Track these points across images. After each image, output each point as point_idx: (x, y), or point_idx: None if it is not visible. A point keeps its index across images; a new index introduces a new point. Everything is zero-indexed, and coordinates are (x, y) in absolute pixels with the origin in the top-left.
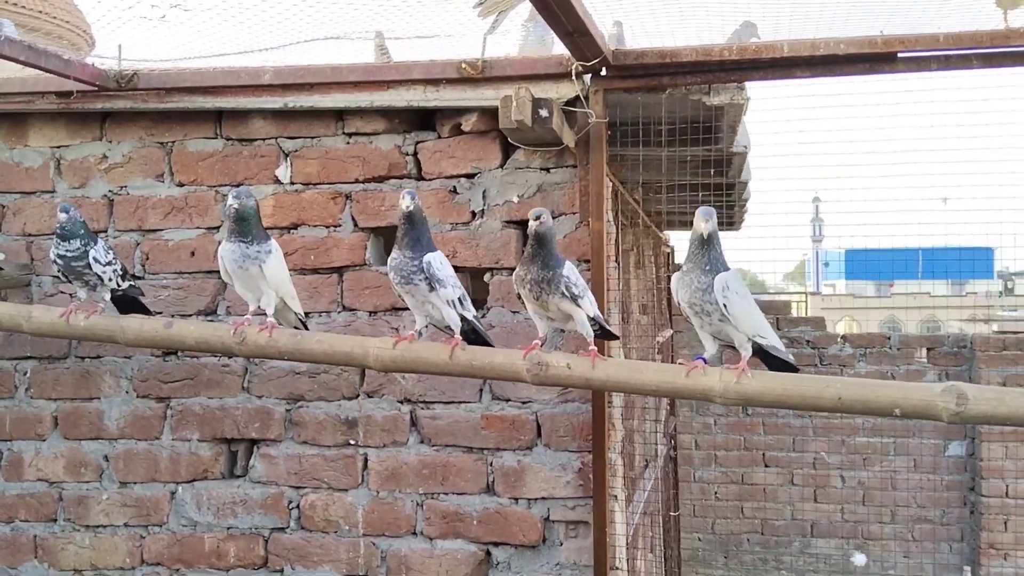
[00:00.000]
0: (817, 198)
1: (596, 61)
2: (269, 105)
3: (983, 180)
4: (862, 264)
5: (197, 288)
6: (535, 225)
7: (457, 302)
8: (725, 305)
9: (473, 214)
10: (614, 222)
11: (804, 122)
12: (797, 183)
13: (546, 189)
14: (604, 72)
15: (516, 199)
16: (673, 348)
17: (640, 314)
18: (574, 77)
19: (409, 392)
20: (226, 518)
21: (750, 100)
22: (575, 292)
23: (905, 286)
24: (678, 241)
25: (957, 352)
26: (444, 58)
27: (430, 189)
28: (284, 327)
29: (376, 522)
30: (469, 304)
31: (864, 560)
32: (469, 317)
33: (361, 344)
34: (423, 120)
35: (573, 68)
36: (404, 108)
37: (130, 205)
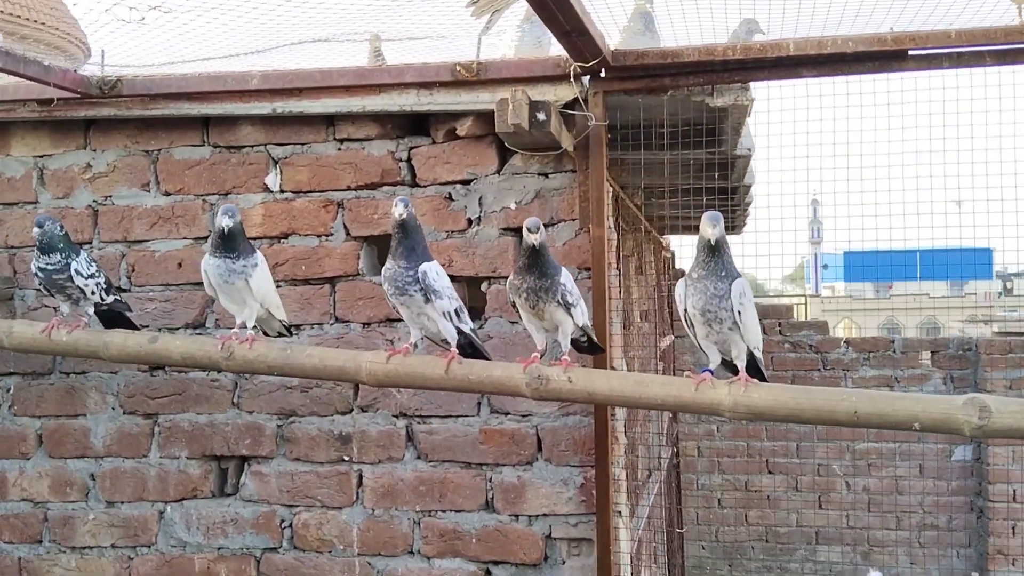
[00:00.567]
0: (815, 200)
1: (595, 62)
2: (257, 111)
3: (982, 181)
4: (860, 266)
5: (185, 301)
6: (535, 238)
7: (454, 314)
8: (740, 312)
9: (469, 221)
10: (615, 228)
11: (803, 123)
12: (796, 186)
13: (544, 195)
14: (603, 73)
15: (514, 206)
16: (675, 354)
17: (641, 320)
18: (572, 79)
19: (405, 406)
20: (216, 538)
21: (755, 101)
22: (569, 300)
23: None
24: (679, 247)
25: (962, 355)
26: (438, 61)
27: (425, 196)
28: (272, 340)
29: (371, 541)
30: (466, 316)
31: None
32: (466, 330)
33: (353, 358)
34: (417, 125)
35: (571, 69)
36: (397, 113)
37: (115, 215)
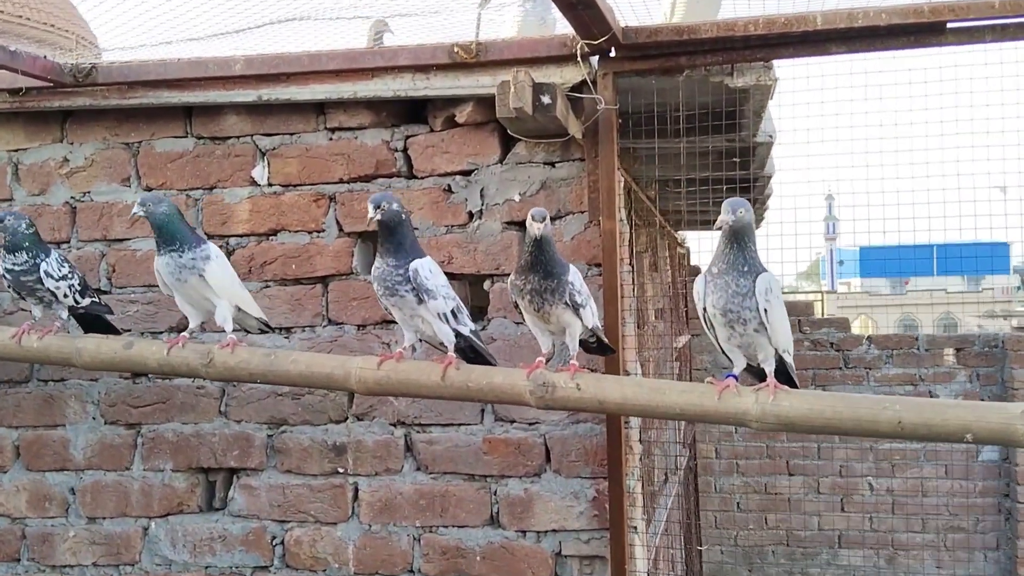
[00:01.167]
0: (830, 195)
1: (604, 39)
2: (242, 99)
3: (999, 167)
4: (877, 262)
5: (168, 303)
6: (540, 228)
7: (450, 315)
8: (766, 311)
9: (470, 215)
10: (627, 221)
11: (817, 117)
12: (810, 175)
13: (551, 186)
14: (613, 53)
15: (518, 197)
16: (691, 354)
17: (656, 319)
18: (580, 59)
19: (403, 414)
20: (204, 556)
21: (778, 81)
22: (578, 301)
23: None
24: (697, 242)
25: (988, 352)
26: (434, 42)
27: (422, 188)
28: (255, 346)
29: (368, 559)
30: (465, 317)
31: None
32: (465, 332)
33: (342, 364)
34: (413, 112)
35: (578, 48)
36: (391, 99)
37: (94, 213)
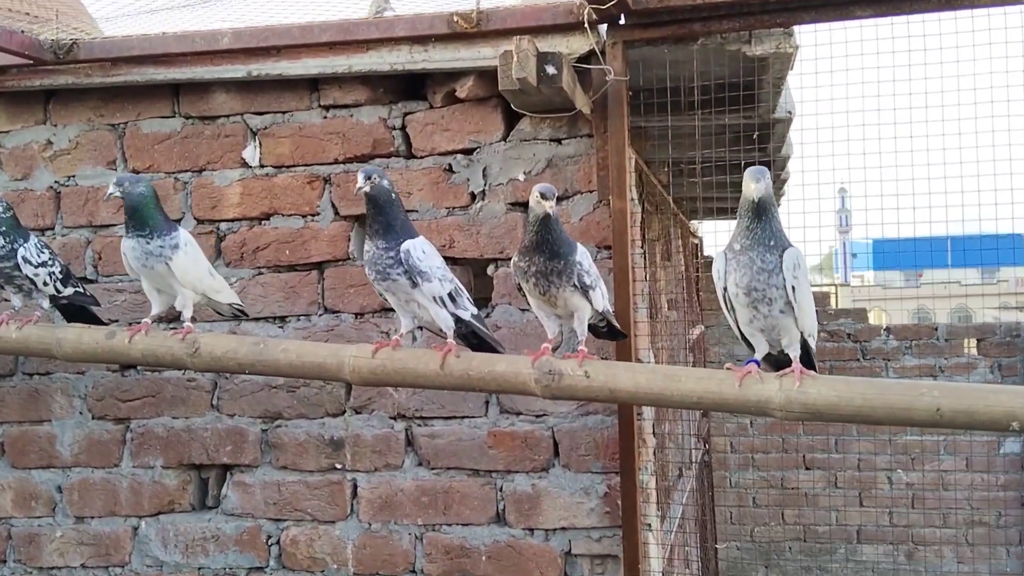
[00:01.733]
0: (843, 188)
1: (613, 4)
2: (230, 74)
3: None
4: (891, 254)
5: None
6: (548, 206)
7: (447, 299)
8: (793, 288)
9: (472, 196)
10: (638, 202)
11: (827, 104)
12: (827, 164)
13: (557, 164)
14: (623, 20)
15: (522, 177)
16: (706, 345)
17: (669, 309)
18: (587, 27)
19: (403, 406)
20: (196, 557)
21: (799, 49)
22: (586, 282)
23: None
24: (707, 233)
25: (1009, 342)
26: (432, 10)
27: (421, 168)
28: (243, 335)
29: (368, 559)
30: (466, 301)
31: None
32: (466, 317)
33: (335, 353)
34: (412, 87)
35: (585, 14)
36: (388, 73)
37: (79, 198)
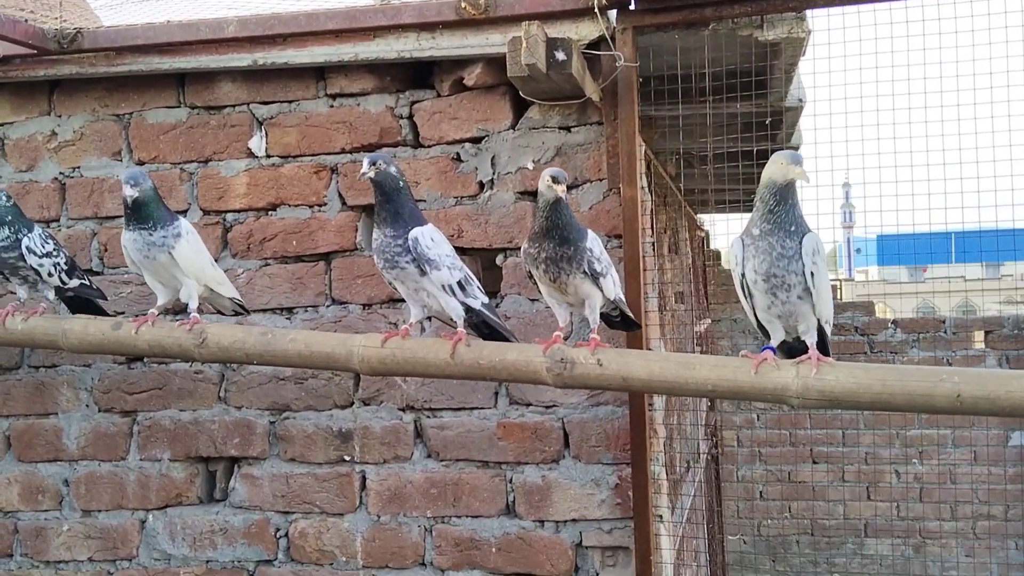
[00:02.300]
0: (847, 183)
1: None
2: (236, 63)
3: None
4: (894, 250)
5: None
6: (559, 190)
7: (456, 287)
8: (812, 274)
9: (481, 185)
10: (648, 190)
11: (825, 93)
12: (835, 150)
13: (567, 152)
14: (633, 5)
15: (531, 165)
16: (712, 339)
17: (676, 303)
18: (597, 12)
19: (412, 398)
20: (204, 550)
21: (812, 34)
22: (597, 269)
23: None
24: (713, 225)
25: (1017, 335)
26: None
27: (429, 158)
28: (251, 325)
29: (377, 552)
30: (475, 289)
31: None
32: (476, 305)
33: (343, 343)
34: (419, 76)
35: (596, 0)
36: (395, 61)
37: (84, 189)
